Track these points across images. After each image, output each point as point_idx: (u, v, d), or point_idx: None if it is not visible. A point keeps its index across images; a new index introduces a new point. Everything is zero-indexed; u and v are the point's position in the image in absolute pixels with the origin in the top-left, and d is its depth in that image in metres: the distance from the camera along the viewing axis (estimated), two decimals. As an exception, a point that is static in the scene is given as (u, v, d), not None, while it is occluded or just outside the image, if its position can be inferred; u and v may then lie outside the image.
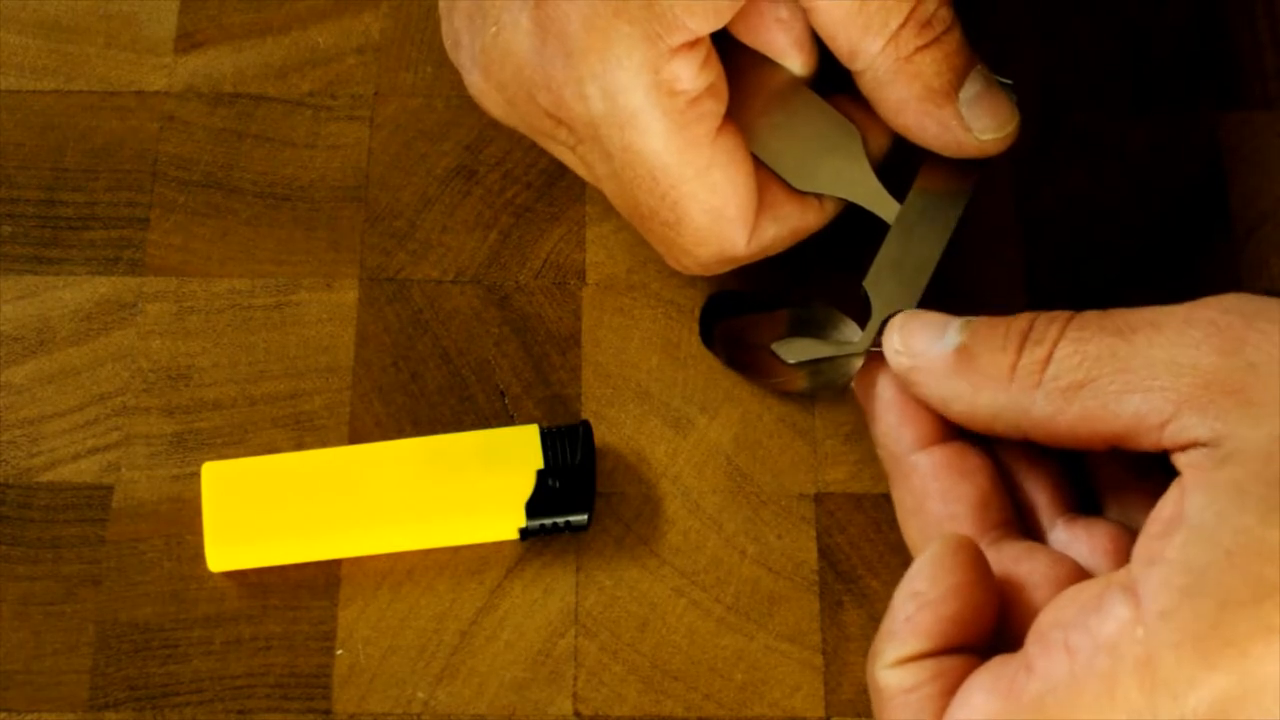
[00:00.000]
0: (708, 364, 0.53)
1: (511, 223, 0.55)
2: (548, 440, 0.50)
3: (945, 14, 0.48)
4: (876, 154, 0.50)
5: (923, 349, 0.46)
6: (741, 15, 0.48)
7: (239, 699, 0.49)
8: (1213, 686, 0.39)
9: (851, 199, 0.50)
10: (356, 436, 0.52)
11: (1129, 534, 0.45)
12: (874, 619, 0.50)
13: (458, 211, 0.55)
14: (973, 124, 0.49)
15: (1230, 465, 0.41)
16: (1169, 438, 0.42)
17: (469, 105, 0.55)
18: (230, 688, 0.49)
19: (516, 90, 0.49)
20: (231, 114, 0.57)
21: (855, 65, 0.49)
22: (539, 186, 0.56)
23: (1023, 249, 0.55)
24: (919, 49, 0.48)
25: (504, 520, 0.50)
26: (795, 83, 0.50)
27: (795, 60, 0.49)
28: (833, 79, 0.50)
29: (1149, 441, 0.43)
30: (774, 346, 0.50)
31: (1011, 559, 0.45)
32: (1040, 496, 0.47)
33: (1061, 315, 0.45)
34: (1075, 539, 0.46)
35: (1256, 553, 0.40)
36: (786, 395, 0.52)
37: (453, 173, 0.56)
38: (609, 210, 0.55)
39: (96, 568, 0.50)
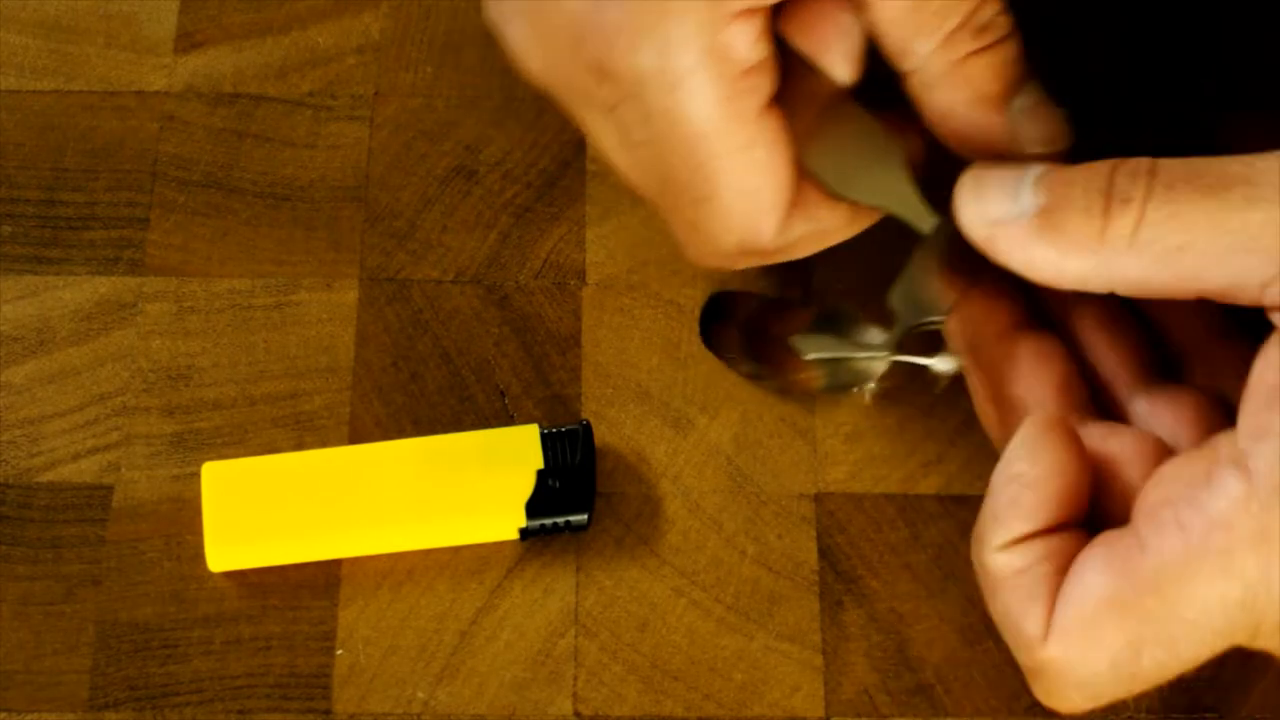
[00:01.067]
0: (708, 364, 0.53)
1: (511, 223, 0.55)
2: (548, 441, 0.50)
3: (1003, 21, 0.47)
4: (911, 163, 0.49)
5: (1000, 213, 0.44)
6: (798, 15, 0.47)
7: (239, 699, 0.49)
8: None
9: (889, 209, 0.48)
10: (356, 436, 0.52)
11: (1214, 401, 0.45)
12: (874, 619, 0.50)
13: (458, 211, 0.55)
14: (1022, 135, 0.47)
15: None
16: (1269, 297, 0.42)
17: (469, 105, 0.55)
18: (230, 688, 0.49)
19: (563, 40, 0.46)
20: (231, 114, 0.57)
21: (905, 65, 0.47)
22: (539, 186, 0.56)
23: (1023, 249, 0.55)
24: (972, 53, 0.46)
25: (504, 520, 0.50)
26: (839, 91, 0.48)
27: (843, 70, 0.47)
28: (871, 88, 0.49)
29: (1246, 298, 0.43)
30: (793, 340, 0.50)
31: (1099, 439, 0.45)
32: (1120, 370, 0.47)
33: (1143, 165, 0.44)
34: (1158, 412, 0.46)
35: None
36: (791, 396, 0.52)
37: (453, 173, 0.56)
38: (609, 210, 0.55)
39: (96, 568, 0.50)
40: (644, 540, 0.51)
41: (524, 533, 0.50)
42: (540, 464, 0.50)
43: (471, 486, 0.50)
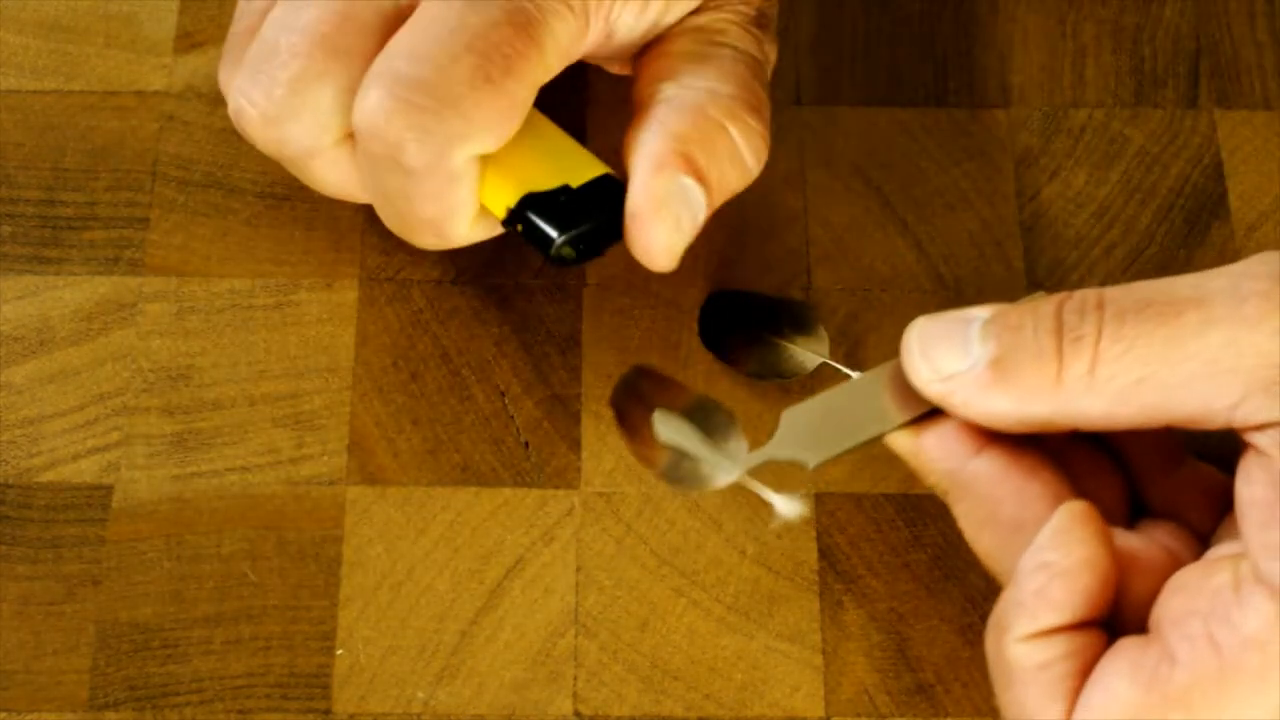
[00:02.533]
0: (708, 364, 0.53)
1: (511, 223, 0.55)
2: (598, 185, 0.49)
3: None
4: None
5: (952, 368, 0.44)
6: None
7: (239, 699, 0.49)
8: None
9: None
10: (356, 436, 0.52)
11: (1184, 528, 0.45)
12: (874, 619, 0.50)
13: (458, 211, 0.55)
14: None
15: None
16: (1240, 419, 0.42)
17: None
18: (230, 688, 0.49)
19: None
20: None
21: None
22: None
23: (1022, 249, 0.55)
24: None
25: (505, 190, 0.49)
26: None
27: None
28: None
29: (1216, 423, 0.42)
30: (655, 416, 0.49)
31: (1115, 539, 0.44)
32: (1102, 497, 0.46)
33: (1090, 299, 0.43)
34: (1148, 531, 0.46)
35: None
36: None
37: (453, 173, 0.56)
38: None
39: (96, 568, 0.50)
40: (644, 540, 0.51)
41: (509, 216, 0.49)
42: (576, 183, 0.49)
43: (522, 152, 0.49)
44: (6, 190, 0.55)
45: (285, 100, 0.48)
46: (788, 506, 0.48)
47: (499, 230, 0.50)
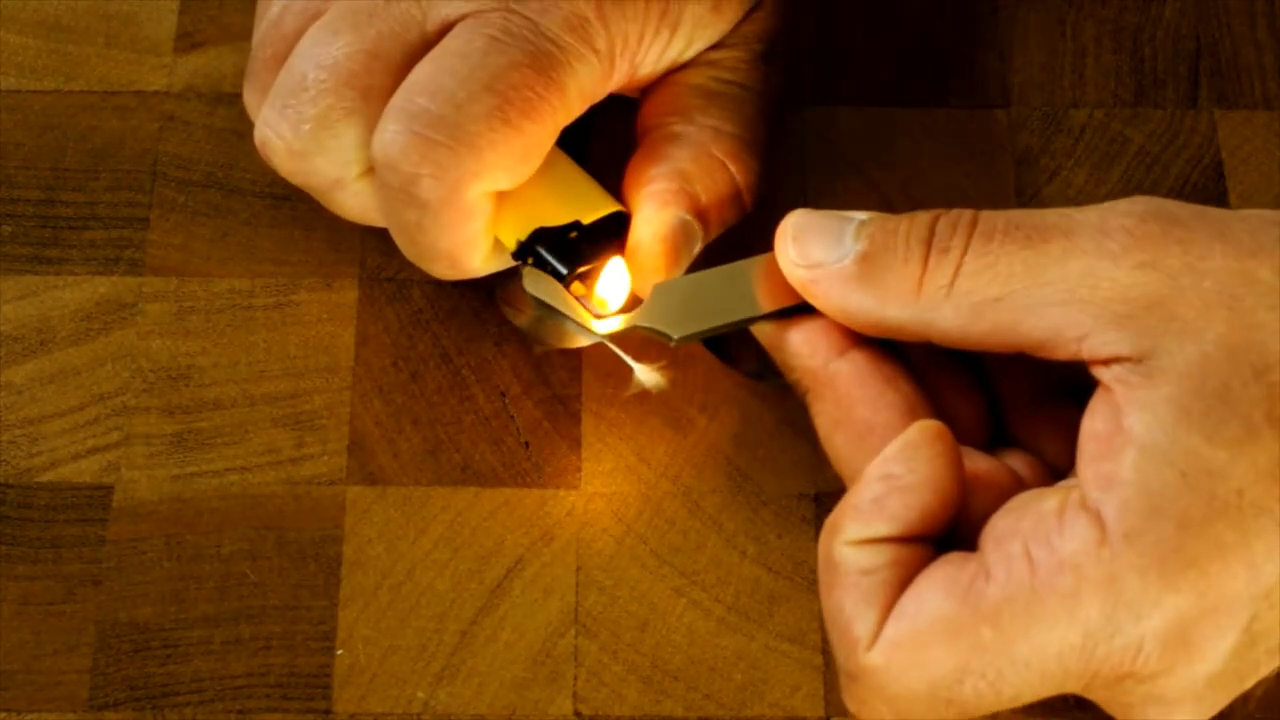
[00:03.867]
0: (708, 364, 0.53)
1: (511, 223, 0.55)
2: (609, 221, 0.50)
3: None
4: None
5: (821, 257, 0.45)
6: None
7: (239, 699, 0.49)
8: (1174, 606, 0.40)
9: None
10: (356, 436, 0.52)
11: (1040, 460, 0.46)
12: (874, 619, 0.50)
13: (458, 211, 0.55)
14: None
15: (1165, 383, 0.41)
16: (1088, 350, 0.42)
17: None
18: (230, 688, 0.49)
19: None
20: (231, 114, 0.57)
21: None
22: (539, 186, 0.56)
23: (1023, 249, 0.55)
24: None
25: (517, 225, 0.50)
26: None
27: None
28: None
29: (1064, 353, 0.43)
30: (525, 271, 0.49)
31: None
32: (961, 417, 0.47)
33: (965, 216, 0.44)
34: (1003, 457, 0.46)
35: (1208, 472, 0.40)
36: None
37: (453, 173, 0.56)
38: (609, 210, 0.55)
39: (96, 568, 0.50)
40: (644, 540, 0.51)
41: (520, 249, 0.50)
42: (587, 219, 0.50)
43: (534, 196, 0.50)
44: (6, 190, 0.55)
45: (312, 136, 0.49)
46: (647, 376, 0.50)
47: (512, 262, 0.50)
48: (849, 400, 0.45)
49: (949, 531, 0.43)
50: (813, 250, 0.45)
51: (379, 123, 0.48)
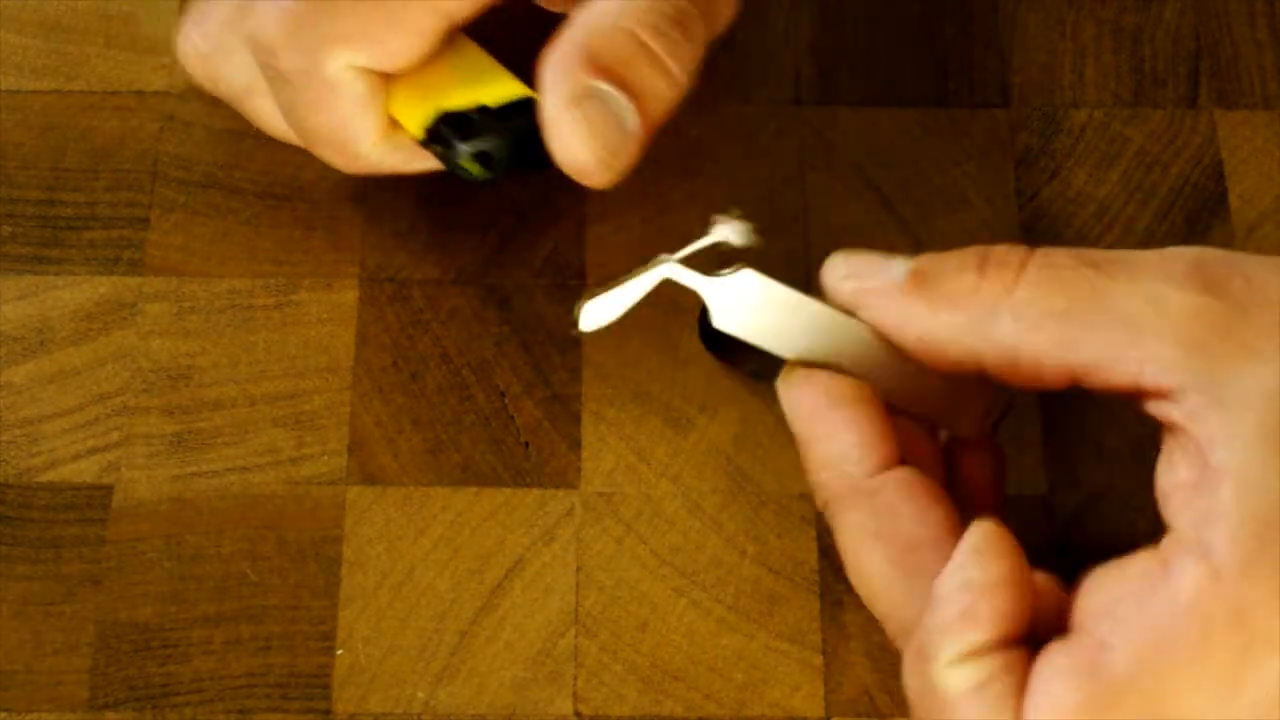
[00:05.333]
0: (708, 364, 0.53)
1: (511, 223, 0.55)
2: (517, 108, 0.48)
3: None
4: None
5: (871, 273, 0.44)
6: None
7: (239, 699, 0.49)
8: None
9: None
10: (356, 436, 0.52)
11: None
12: (873, 618, 0.50)
13: (458, 212, 0.55)
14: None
15: (1247, 410, 0.40)
16: (1150, 376, 0.41)
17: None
18: (230, 688, 0.49)
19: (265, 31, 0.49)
20: (231, 114, 0.57)
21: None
22: (539, 186, 0.56)
23: (1023, 249, 0.55)
24: None
25: (419, 109, 0.49)
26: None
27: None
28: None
29: (1122, 377, 0.41)
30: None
31: None
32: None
33: (1022, 246, 0.43)
34: None
35: None
36: None
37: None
38: (609, 210, 0.55)
39: (96, 568, 0.50)
40: (644, 540, 0.51)
41: (427, 135, 0.49)
42: (493, 102, 0.49)
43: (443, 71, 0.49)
44: (6, 190, 0.55)
45: (218, 39, 0.49)
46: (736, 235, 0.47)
47: (419, 161, 0.50)
48: (892, 513, 0.43)
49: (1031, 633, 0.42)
50: (863, 267, 0.44)
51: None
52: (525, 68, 0.49)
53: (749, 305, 0.47)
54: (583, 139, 0.46)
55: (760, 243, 0.47)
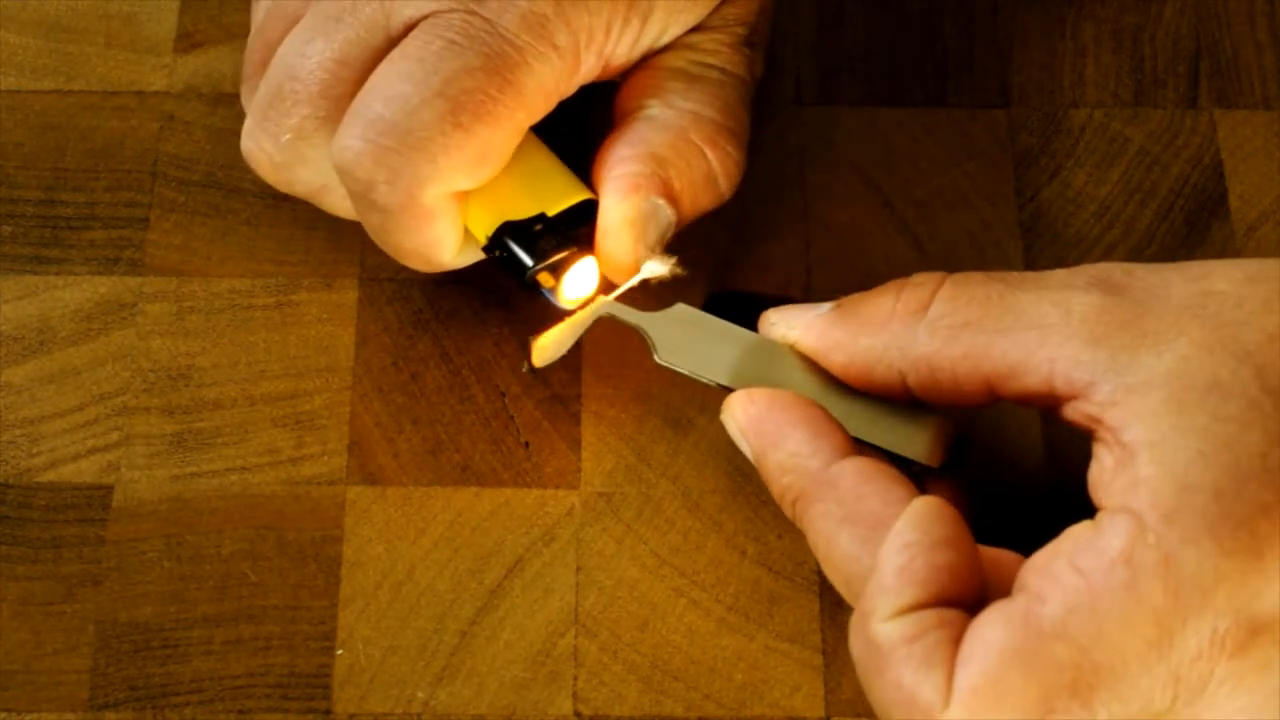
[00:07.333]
0: (708, 364, 0.53)
1: (511, 223, 0.55)
2: (579, 208, 0.50)
3: None
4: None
5: (799, 313, 0.48)
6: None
7: (239, 699, 0.49)
8: (1236, 574, 0.40)
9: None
10: (356, 436, 0.52)
11: None
12: (874, 619, 0.50)
13: (458, 211, 0.55)
14: None
15: (1153, 388, 0.42)
16: (1061, 376, 0.43)
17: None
18: (230, 688, 0.49)
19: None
20: (231, 114, 0.57)
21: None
22: (539, 186, 0.56)
23: (1022, 249, 0.55)
24: None
25: (485, 219, 0.50)
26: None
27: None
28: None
29: (1035, 380, 0.43)
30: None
31: None
32: None
33: (939, 272, 0.46)
34: None
35: (1224, 445, 0.41)
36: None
37: (453, 173, 0.56)
38: (609, 210, 0.55)
39: (96, 568, 0.50)
40: (644, 540, 0.51)
41: (489, 243, 0.50)
42: (554, 210, 0.50)
43: (505, 185, 0.50)
44: (6, 190, 0.55)
45: (291, 147, 0.49)
46: (657, 268, 0.50)
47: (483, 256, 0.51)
48: (855, 495, 0.45)
49: (979, 602, 0.43)
50: (792, 314, 0.48)
51: (339, 129, 0.48)
52: (568, 130, 0.51)
53: (687, 337, 0.49)
54: (632, 249, 0.50)
55: (685, 273, 0.50)
